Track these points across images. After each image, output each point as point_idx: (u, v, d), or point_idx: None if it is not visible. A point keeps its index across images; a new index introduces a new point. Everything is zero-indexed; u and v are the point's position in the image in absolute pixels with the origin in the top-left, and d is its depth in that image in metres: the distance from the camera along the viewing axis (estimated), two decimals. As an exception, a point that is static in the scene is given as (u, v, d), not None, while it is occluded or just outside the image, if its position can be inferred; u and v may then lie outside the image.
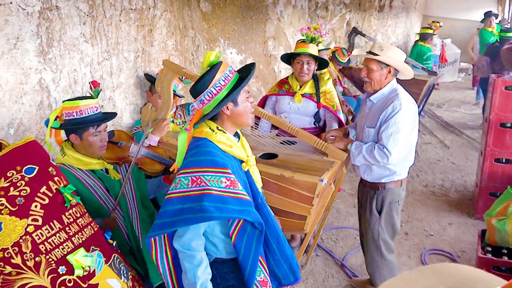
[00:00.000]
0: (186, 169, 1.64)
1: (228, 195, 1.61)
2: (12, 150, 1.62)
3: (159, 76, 2.61)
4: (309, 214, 2.19)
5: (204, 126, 1.74)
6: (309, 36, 3.11)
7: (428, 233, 3.84)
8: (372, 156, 2.38)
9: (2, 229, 1.50)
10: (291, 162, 2.31)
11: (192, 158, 1.66)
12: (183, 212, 1.59)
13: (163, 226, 1.62)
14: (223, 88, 1.66)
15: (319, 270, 3.31)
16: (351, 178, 4.97)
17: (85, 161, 2.08)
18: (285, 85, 3.26)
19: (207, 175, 1.60)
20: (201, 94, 1.68)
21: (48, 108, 2.59)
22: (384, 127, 2.36)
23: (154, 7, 3.37)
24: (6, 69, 2.32)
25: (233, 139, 1.76)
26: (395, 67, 2.44)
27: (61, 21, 2.59)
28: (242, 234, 1.70)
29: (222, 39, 4.38)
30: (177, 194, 1.63)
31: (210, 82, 1.65)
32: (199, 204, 1.56)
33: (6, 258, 1.50)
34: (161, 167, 2.37)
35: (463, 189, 4.75)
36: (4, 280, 1.50)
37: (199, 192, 1.59)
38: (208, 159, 1.64)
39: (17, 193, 1.57)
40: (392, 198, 2.58)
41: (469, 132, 6.73)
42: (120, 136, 2.39)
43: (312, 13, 6.24)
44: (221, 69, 1.67)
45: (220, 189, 1.60)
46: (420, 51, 7.33)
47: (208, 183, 1.59)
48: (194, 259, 1.65)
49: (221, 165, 1.64)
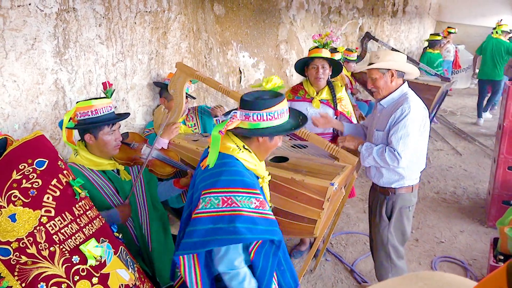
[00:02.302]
0: (216, 188, 1.63)
1: (258, 215, 1.62)
2: (23, 144, 1.65)
3: (172, 78, 2.63)
4: (319, 218, 2.19)
5: (230, 142, 1.73)
6: (321, 42, 3.13)
7: (439, 240, 3.80)
8: (383, 158, 2.38)
9: (17, 220, 1.53)
10: (302, 166, 2.31)
11: (221, 177, 1.65)
12: (216, 233, 1.58)
13: (195, 245, 1.61)
14: (273, 120, 1.66)
15: (328, 275, 3.30)
16: (362, 183, 4.94)
17: (97, 161, 2.10)
18: (300, 91, 3.26)
19: (238, 196, 1.61)
20: (253, 110, 1.66)
21: (63, 108, 2.63)
22: (394, 130, 2.36)
23: (169, 9, 3.40)
24: (23, 69, 2.36)
25: (256, 158, 1.79)
26: (395, 68, 2.45)
27: (77, 22, 2.63)
28: (260, 250, 1.70)
29: (235, 42, 4.41)
30: (208, 214, 1.62)
31: (268, 108, 1.65)
32: (232, 225, 1.56)
33: (22, 248, 1.53)
34: (171, 170, 2.38)
35: (475, 197, 4.69)
36: (21, 270, 1.52)
37: (231, 213, 1.59)
38: (239, 179, 1.64)
39: (29, 185, 1.60)
40: (402, 203, 2.57)
41: (482, 139, 6.65)
42: (134, 138, 2.42)
43: (325, 17, 6.25)
44: (282, 103, 1.69)
45: (251, 210, 1.61)
46: (429, 59, 7.29)
47: (239, 204, 1.60)
48: (238, 276, 1.66)
49: (251, 186, 1.65)
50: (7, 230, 1.51)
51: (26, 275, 1.53)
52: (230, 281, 1.67)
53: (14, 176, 1.57)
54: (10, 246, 1.51)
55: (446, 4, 12.31)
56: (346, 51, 5.30)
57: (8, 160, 1.59)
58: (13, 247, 1.52)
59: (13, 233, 1.52)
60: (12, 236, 1.52)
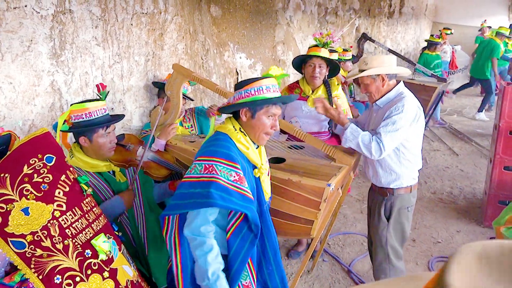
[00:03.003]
0: (203, 156, 1.74)
1: (234, 188, 1.69)
2: (33, 139, 1.67)
3: (169, 80, 2.63)
4: (316, 218, 2.19)
5: (229, 123, 1.84)
6: (321, 41, 3.13)
7: (436, 240, 3.81)
8: (368, 147, 2.37)
9: (30, 214, 1.56)
10: (298, 167, 2.32)
11: (210, 148, 1.76)
12: (192, 196, 1.67)
13: (174, 207, 1.71)
14: (251, 96, 1.77)
15: (325, 275, 3.30)
16: (359, 184, 4.95)
17: (92, 163, 2.10)
18: (295, 90, 3.25)
19: (219, 165, 1.69)
20: (236, 91, 1.81)
21: (60, 110, 2.62)
22: (384, 124, 2.38)
23: (165, 11, 3.40)
24: (19, 71, 2.36)
25: (251, 144, 1.85)
26: (384, 73, 2.48)
27: (74, 24, 2.63)
28: (238, 233, 1.76)
29: (232, 43, 4.41)
30: (190, 178, 1.71)
31: (245, 86, 1.78)
32: (207, 190, 1.64)
33: (37, 241, 1.56)
34: (167, 172, 2.39)
35: (472, 197, 4.71)
36: (37, 262, 1.55)
37: (209, 179, 1.67)
38: (224, 151, 1.73)
39: (40, 180, 1.63)
40: (401, 204, 2.57)
41: (478, 140, 6.68)
42: (130, 139, 2.42)
43: (321, 18, 6.26)
44: (264, 80, 1.80)
45: (228, 181, 1.68)
46: (426, 60, 7.32)
47: (219, 173, 1.68)
48: (203, 245, 1.69)
49: (233, 160, 1.72)
50: (21, 223, 1.53)
51: (43, 268, 1.56)
52: (195, 249, 1.70)
53: (25, 170, 1.59)
54: (25, 239, 1.53)
55: (442, 5, 12.35)
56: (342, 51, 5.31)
57: (18, 154, 1.61)
58: (28, 240, 1.54)
59: (27, 226, 1.54)
60: (26, 229, 1.54)
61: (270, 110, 1.80)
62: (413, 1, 10.31)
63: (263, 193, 1.91)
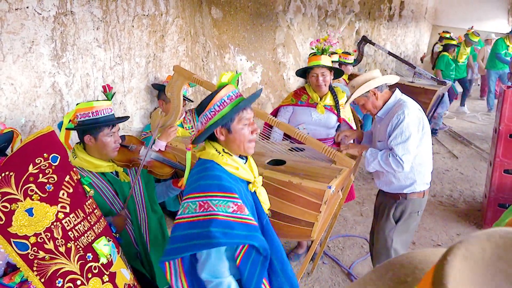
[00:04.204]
0: (194, 193, 1.63)
1: (235, 220, 1.59)
2: (38, 137, 1.64)
3: (170, 81, 2.63)
4: (316, 221, 2.19)
5: (210, 148, 1.72)
6: (319, 48, 3.09)
7: (436, 243, 3.81)
8: (388, 163, 2.41)
9: (34, 215, 1.53)
10: (299, 169, 2.32)
11: (200, 182, 1.65)
12: (192, 238, 1.57)
13: (174, 251, 1.61)
14: (217, 113, 1.65)
15: (325, 278, 3.30)
16: (359, 186, 4.96)
17: (96, 163, 2.10)
18: (303, 96, 3.22)
19: (214, 200, 1.59)
20: (200, 116, 1.69)
21: (61, 111, 2.63)
22: (393, 137, 2.40)
23: (166, 13, 3.41)
24: (20, 72, 2.36)
25: (240, 161, 1.75)
26: (372, 88, 2.51)
27: (75, 26, 2.64)
28: (247, 259, 1.68)
29: (232, 45, 4.42)
30: (186, 219, 1.61)
31: (207, 105, 1.66)
32: (207, 230, 1.54)
33: (40, 243, 1.53)
34: (170, 170, 2.39)
35: (472, 200, 4.71)
36: (39, 265, 1.53)
37: (206, 217, 1.57)
38: (216, 183, 1.62)
39: (45, 180, 1.59)
40: (413, 208, 2.59)
41: (478, 143, 6.68)
42: (131, 141, 2.42)
43: (321, 21, 6.27)
44: (221, 92, 1.66)
45: (227, 214, 1.58)
46: (449, 62, 7.25)
47: (215, 208, 1.58)
48: (221, 286, 1.61)
49: (228, 190, 1.62)
50: (24, 224, 1.51)
51: (45, 271, 1.54)
52: None
53: (30, 169, 1.56)
54: (28, 241, 1.51)
55: (442, 8, 12.39)
56: (343, 54, 5.32)
57: (24, 153, 1.58)
58: (31, 242, 1.51)
59: (31, 228, 1.52)
60: (30, 230, 1.51)
61: (243, 117, 1.69)
62: (413, 4, 10.34)
63: (261, 206, 1.84)
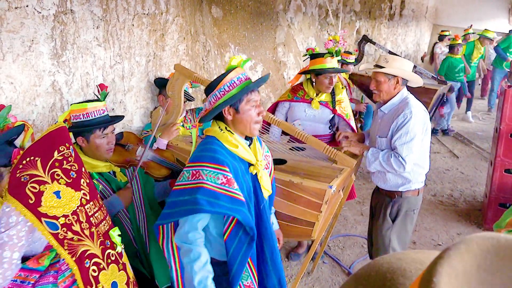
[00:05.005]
0: (191, 163, 1.72)
1: (222, 191, 1.65)
2: (61, 128, 1.71)
3: (170, 80, 2.63)
4: (317, 220, 2.19)
5: (214, 126, 1.80)
6: (333, 50, 3.10)
7: (436, 243, 3.80)
8: (389, 163, 2.40)
9: (61, 197, 1.60)
10: (300, 168, 2.31)
11: (197, 153, 1.74)
12: (181, 204, 1.65)
13: (165, 216, 1.70)
14: (227, 93, 1.71)
15: (325, 277, 3.29)
16: (359, 186, 4.95)
17: (92, 164, 2.09)
18: (299, 92, 3.24)
19: (205, 170, 1.66)
20: (209, 95, 1.76)
21: (61, 110, 2.62)
22: (397, 136, 2.38)
23: (167, 12, 3.40)
24: (20, 71, 2.36)
25: (241, 141, 1.79)
26: (401, 76, 2.46)
27: (75, 24, 2.63)
28: (234, 236, 1.74)
29: (233, 44, 4.41)
30: (179, 186, 1.70)
31: (217, 85, 1.72)
32: (193, 196, 1.62)
33: (68, 224, 1.60)
34: (167, 171, 2.38)
35: (472, 199, 4.70)
36: (70, 245, 1.59)
37: (195, 185, 1.65)
38: (209, 155, 1.70)
39: (69, 167, 1.67)
40: (408, 206, 2.58)
41: (478, 142, 6.68)
42: (128, 138, 2.41)
43: (322, 20, 6.26)
44: (231, 74, 1.72)
45: (215, 185, 1.64)
46: (451, 64, 7.06)
47: (205, 178, 1.65)
48: (190, 253, 1.68)
49: (220, 163, 1.68)
50: (53, 205, 1.57)
51: (75, 251, 1.60)
52: (183, 257, 1.70)
53: (56, 155, 1.63)
54: (58, 221, 1.57)
55: (443, 8, 12.36)
56: (345, 54, 5.30)
57: (49, 140, 1.65)
58: (60, 223, 1.58)
59: (59, 209, 1.58)
60: (58, 212, 1.58)
61: (251, 99, 1.74)
62: (414, 4, 10.32)
63: (261, 191, 1.86)
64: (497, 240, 0.46)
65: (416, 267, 0.54)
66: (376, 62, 2.54)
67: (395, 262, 0.57)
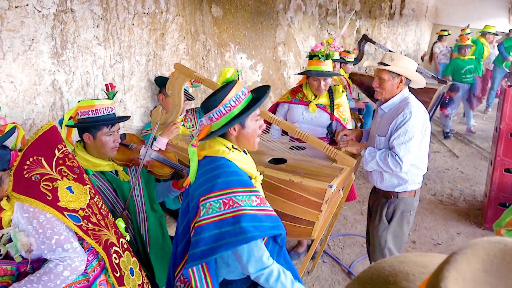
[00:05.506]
0: (215, 192, 1.58)
1: (261, 213, 1.58)
2: (53, 127, 1.74)
3: (170, 79, 2.63)
4: (317, 220, 2.19)
5: (218, 145, 1.69)
6: (323, 53, 3.03)
7: (436, 242, 3.81)
8: (386, 163, 2.39)
9: (74, 192, 1.65)
10: (300, 168, 2.31)
11: (217, 180, 1.60)
12: (223, 237, 1.53)
13: (203, 254, 1.55)
14: (233, 109, 1.63)
15: (325, 276, 3.30)
16: (359, 185, 4.95)
17: (95, 162, 2.10)
18: (298, 94, 3.21)
19: (238, 196, 1.57)
20: (211, 111, 1.65)
21: (61, 109, 2.62)
22: (396, 136, 2.37)
23: (167, 11, 3.40)
24: (20, 70, 2.36)
25: (246, 156, 1.75)
26: (406, 76, 2.45)
27: (75, 23, 2.63)
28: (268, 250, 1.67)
29: (233, 44, 4.41)
30: (211, 219, 1.56)
31: (221, 101, 1.62)
32: (238, 226, 1.51)
33: (87, 216, 1.66)
34: (170, 170, 2.38)
35: (472, 199, 4.71)
36: (94, 234, 1.66)
37: (234, 213, 1.54)
38: (236, 179, 1.61)
39: (71, 164, 1.71)
40: (404, 207, 2.57)
41: (478, 141, 6.68)
42: (131, 139, 2.41)
43: (322, 19, 6.26)
44: (234, 89, 1.64)
45: (253, 208, 1.57)
46: (457, 66, 7.00)
47: (241, 203, 1.55)
48: (273, 273, 1.59)
49: (249, 184, 1.62)
50: (70, 200, 1.62)
51: (100, 239, 1.67)
52: (267, 282, 1.59)
53: (57, 154, 1.67)
54: (78, 214, 1.63)
55: (443, 7, 12.36)
56: (344, 53, 5.30)
57: (46, 139, 1.68)
58: (81, 215, 1.63)
59: (75, 203, 1.64)
60: (76, 205, 1.64)
61: (255, 114, 1.70)
62: (414, 3, 10.32)
63: None
64: (504, 245, 0.45)
65: (419, 270, 0.54)
66: (381, 60, 2.51)
67: (398, 265, 0.57)
